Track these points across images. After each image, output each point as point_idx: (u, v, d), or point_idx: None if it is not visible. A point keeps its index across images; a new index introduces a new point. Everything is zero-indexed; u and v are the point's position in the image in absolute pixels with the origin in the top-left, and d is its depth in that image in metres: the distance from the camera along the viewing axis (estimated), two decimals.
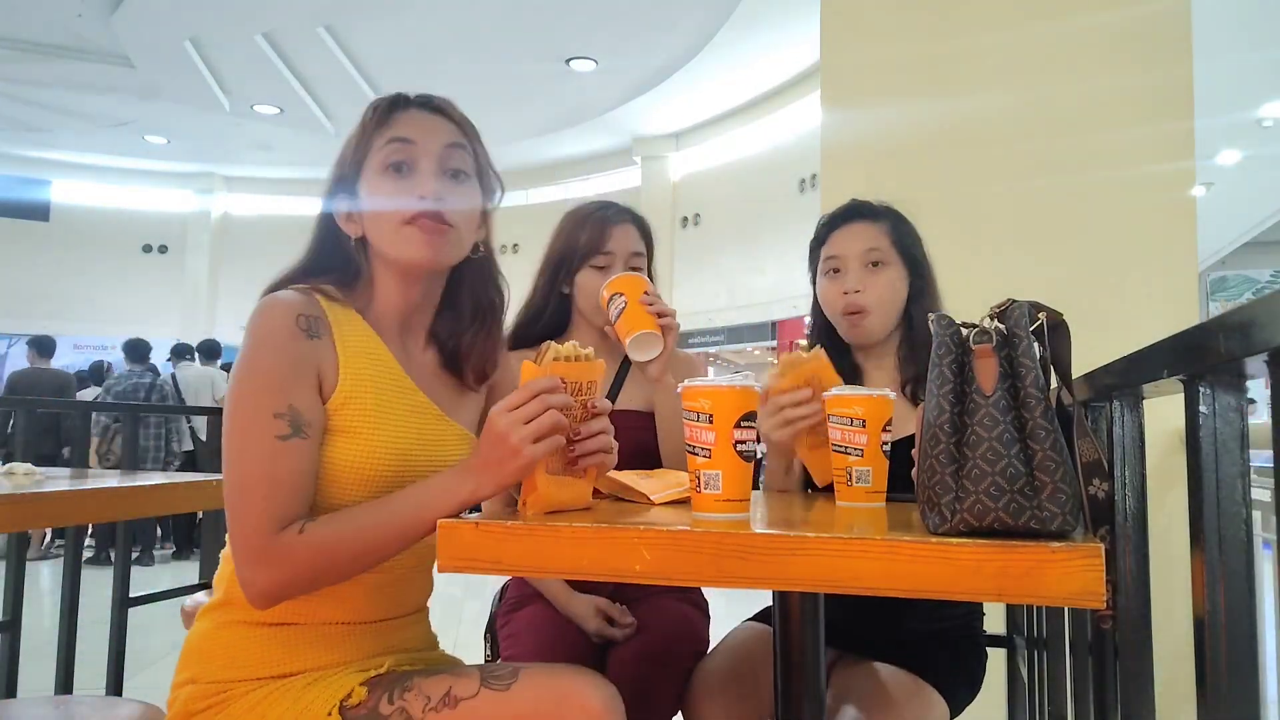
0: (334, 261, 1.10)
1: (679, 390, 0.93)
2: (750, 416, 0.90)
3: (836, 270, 1.47)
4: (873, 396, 1.00)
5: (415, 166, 1.07)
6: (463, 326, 1.16)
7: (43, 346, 6.56)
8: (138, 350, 6.52)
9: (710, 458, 0.89)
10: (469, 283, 1.17)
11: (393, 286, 1.11)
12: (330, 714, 0.96)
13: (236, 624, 1.03)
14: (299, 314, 1.02)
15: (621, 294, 1.39)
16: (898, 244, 1.46)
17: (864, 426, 0.99)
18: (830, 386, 1.18)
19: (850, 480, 1.01)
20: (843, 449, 1.01)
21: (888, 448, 1.01)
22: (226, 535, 1.01)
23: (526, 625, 1.47)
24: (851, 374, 1.47)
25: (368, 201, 1.08)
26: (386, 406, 1.05)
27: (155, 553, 6.43)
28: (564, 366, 0.95)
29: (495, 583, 1.69)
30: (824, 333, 1.50)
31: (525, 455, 0.89)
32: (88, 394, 6.69)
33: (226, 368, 7.13)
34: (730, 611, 1.67)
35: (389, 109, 1.11)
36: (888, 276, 1.44)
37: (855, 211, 1.50)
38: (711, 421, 0.89)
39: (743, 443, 0.89)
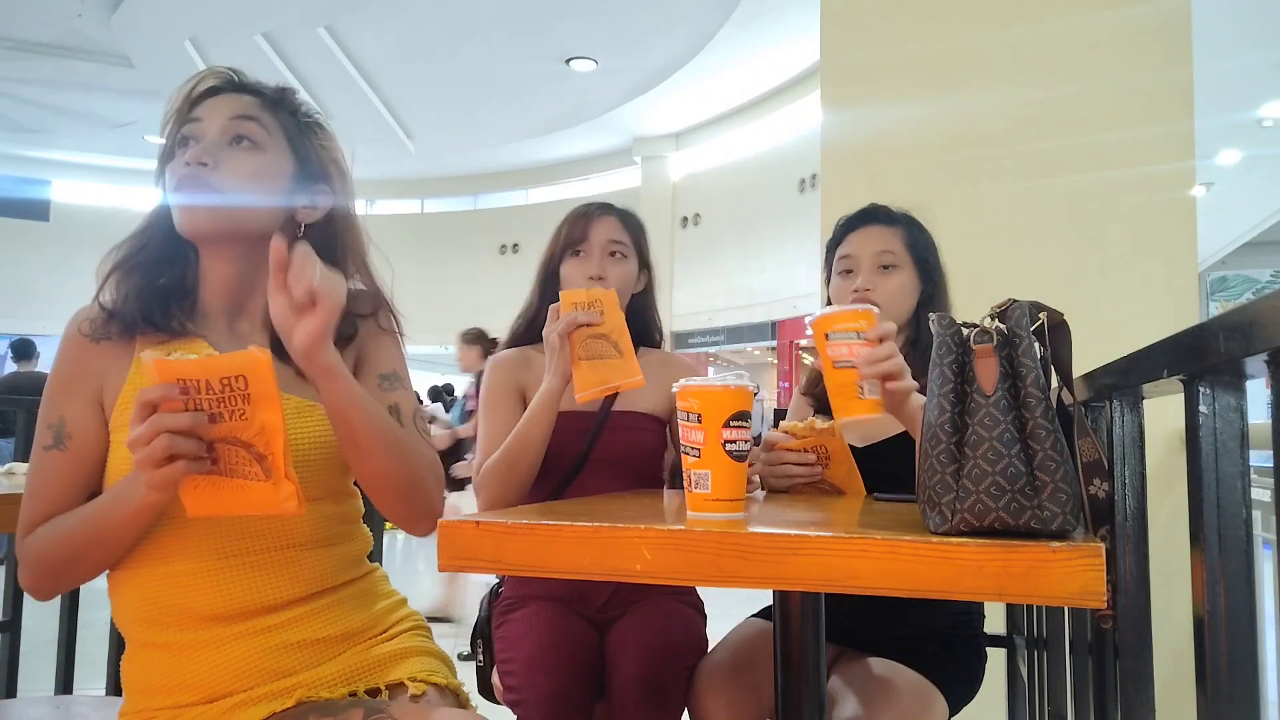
0: (158, 252, 1.08)
1: (674, 390, 0.93)
2: (741, 416, 0.89)
3: (849, 270, 1.50)
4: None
5: (197, 139, 1.04)
6: None
7: (23, 350, 6.53)
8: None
9: (700, 457, 0.89)
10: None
11: (208, 268, 1.08)
12: None
13: (141, 647, 1.02)
14: (86, 319, 1.04)
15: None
16: (911, 249, 1.49)
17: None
18: (836, 459, 1.23)
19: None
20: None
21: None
22: None
23: (526, 628, 1.47)
24: None
25: (158, 179, 1.07)
26: None
27: None
28: (191, 370, 0.84)
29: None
30: None
31: (152, 479, 0.84)
32: None
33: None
34: (726, 611, 1.67)
35: (190, 104, 1.07)
36: (898, 280, 1.47)
37: (871, 215, 1.53)
38: (700, 421, 0.89)
39: (733, 443, 0.88)
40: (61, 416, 1.01)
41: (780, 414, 1.75)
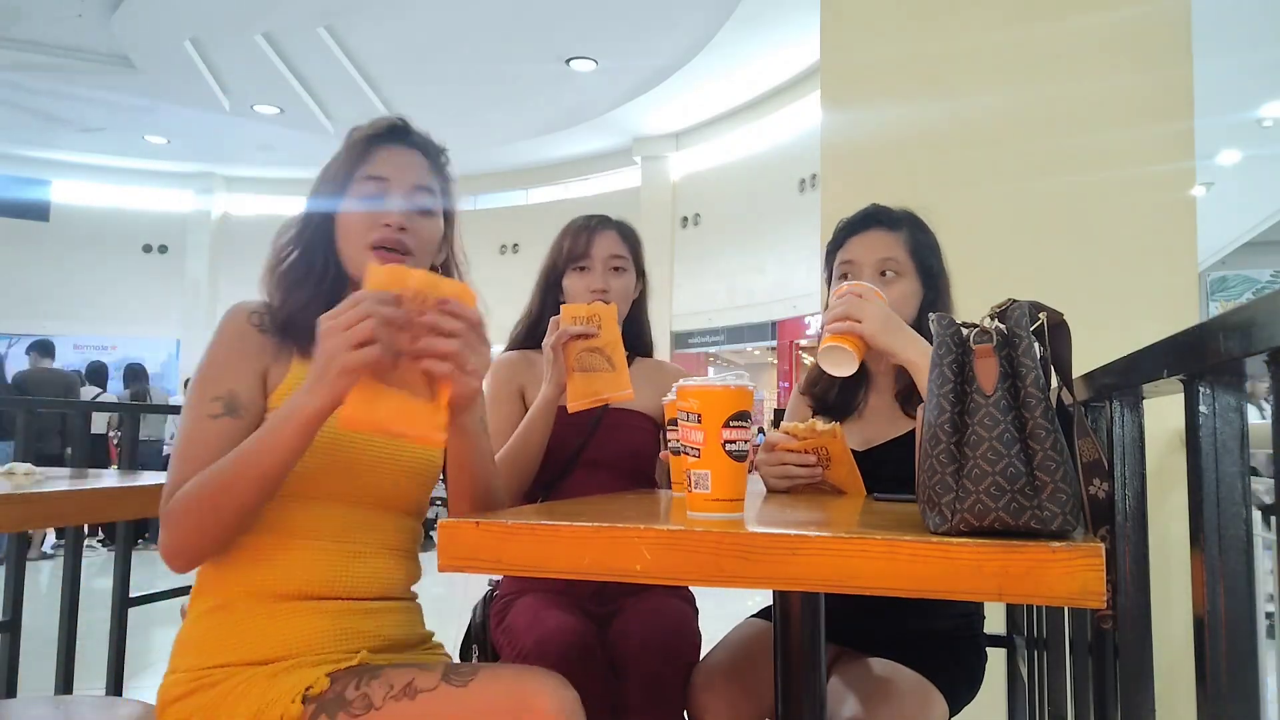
0: (319, 269, 1.17)
1: (674, 388, 0.95)
2: (741, 416, 0.90)
3: (848, 277, 1.47)
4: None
5: (386, 198, 1.16)
6: None
7: (44, 348, 6.59)
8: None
9: (700, 457, 0.89)
10: None
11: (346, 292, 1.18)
12: (294, 701, 0.97)
13: (212, 611, 1.07)
14: (253, 311, 1.12)
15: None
16: (914, 255, 1.47)
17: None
18: (837, 461, 1.24)
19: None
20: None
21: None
22: None
23: (530, 616, 1.47)
24: (860, 377, 1.50)
25: (342, 222, 1.17)
26: None
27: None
28: (403, 276, 0.94)
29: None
30: None
31: (340, 362, 0.89)
32: (85, 394, 6.71)
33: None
34: (726, 611, 1.67)
35: (366, 144, 1.19)
36: (900, 289, 1.44)
37: (873, 218, 1.50)
38: (700, 421, 0.89)
39: (732, 443, 0.89)
40: (231, 389, 1.06)
41: (780, 413, 1.76)
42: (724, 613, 1.67)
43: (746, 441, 0.91)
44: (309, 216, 1.18)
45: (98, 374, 7.25)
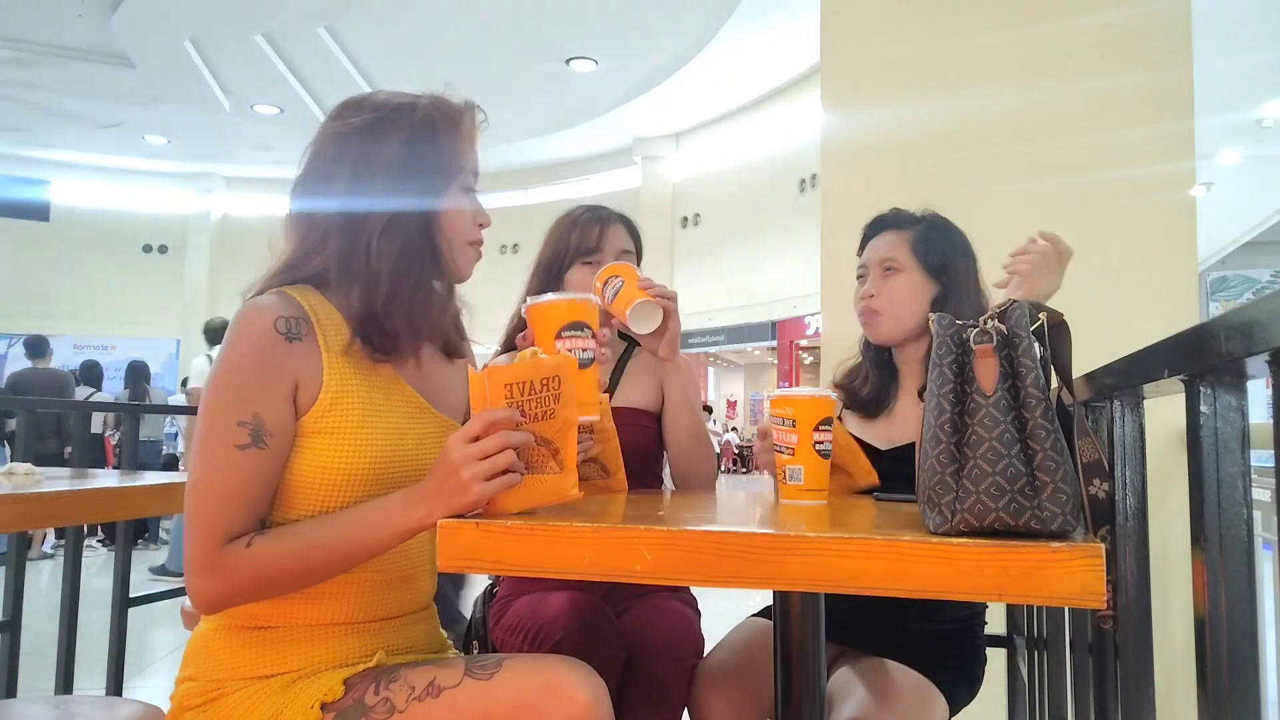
0: (317, 261, 1.07)
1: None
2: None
3: (861, 277, 1.56)
4: (803, 398, 1.08)
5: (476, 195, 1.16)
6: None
7: (35, 347, 6.56)
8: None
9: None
10: None
11: (441, 297, 1.14)
12: (311, 708, 0.96)
13: (234, 628, 1.04)
14: (278, 316, 1.00)
15: (618, 276, 1.41)
16: (918, 251, 1.50)
17: (794, 426, 1.07)
18: (834, 443, 1.25)
19: (786, 478, 1.08)
20: (778, 448, 1.09)
21: (825, 446, 1.08)
22: None
23: (531, 604, 1.47)
24: (891, 376, 1.56)
25: (450, 216, 1.11)
26: (373, 404, 1.05)
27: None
28: (518, 374, 0.92)
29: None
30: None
31: (475, 493, 0.89)
32: (79, 394, 6.69)
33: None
34: (726, 610, 1.67)
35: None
36: (900, 282, 1.50)
37: (883, 221, 1.57)
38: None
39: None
40: (257, 414, 0.97)
41: None
42: (724, 613, 1.67)
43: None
44: (400, 214, 1.07)
45: (92, 374, 7.20)
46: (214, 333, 6.24)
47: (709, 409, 11.26)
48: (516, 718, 0.93)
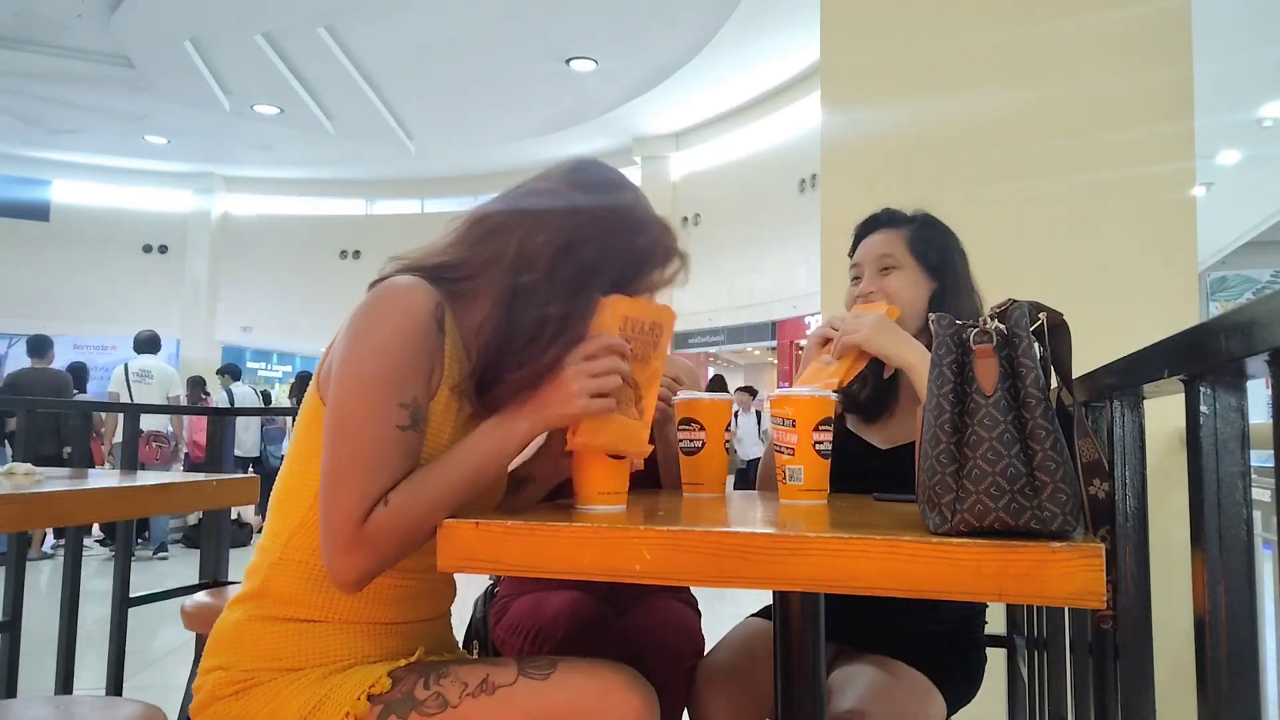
0: (476, 283, 1.06)
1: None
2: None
3: (857, 278, 1.54)
4: (804, 398, 1.07)
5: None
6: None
7: (36, 347, 6.54)
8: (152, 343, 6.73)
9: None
10: None
11: None
12: (359, 699, 0.95)
13: (268, 618, 1.03)
14: (438, 303, 1.00)
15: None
16: (914, 248, 1.49)
17: (794, 426, 1.07)
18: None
19: (785, 478, 1.08)
20: (778, 448, 1.09)
21: (824, 446, 1.07)
22: (265, 529, 1.06)
23: (532, 602, 1.47)
24: (892, 378, 1.50)
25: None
26: (462, 428, 1.05)
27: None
28: (635, 309, 1.02)
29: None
30: None
31: (579, 405, 0.94)
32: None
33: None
34: (725, 610, 1.67)
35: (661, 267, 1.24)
36: (897, 279, 1.48)
37: (876, 221, 1.55)
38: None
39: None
40: (416, 398, 0.97)
41: None
42: (724, 612, 1.67)
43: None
44: (577, 304, 1.03)
45: (77, 375, 7.16)
46: (144, 343, 6.66)
47: (752, 391, 10.93)
48: (572, 718, 0.94)
